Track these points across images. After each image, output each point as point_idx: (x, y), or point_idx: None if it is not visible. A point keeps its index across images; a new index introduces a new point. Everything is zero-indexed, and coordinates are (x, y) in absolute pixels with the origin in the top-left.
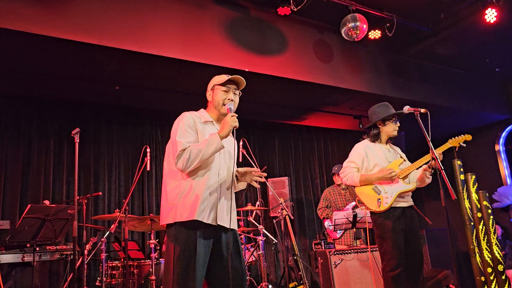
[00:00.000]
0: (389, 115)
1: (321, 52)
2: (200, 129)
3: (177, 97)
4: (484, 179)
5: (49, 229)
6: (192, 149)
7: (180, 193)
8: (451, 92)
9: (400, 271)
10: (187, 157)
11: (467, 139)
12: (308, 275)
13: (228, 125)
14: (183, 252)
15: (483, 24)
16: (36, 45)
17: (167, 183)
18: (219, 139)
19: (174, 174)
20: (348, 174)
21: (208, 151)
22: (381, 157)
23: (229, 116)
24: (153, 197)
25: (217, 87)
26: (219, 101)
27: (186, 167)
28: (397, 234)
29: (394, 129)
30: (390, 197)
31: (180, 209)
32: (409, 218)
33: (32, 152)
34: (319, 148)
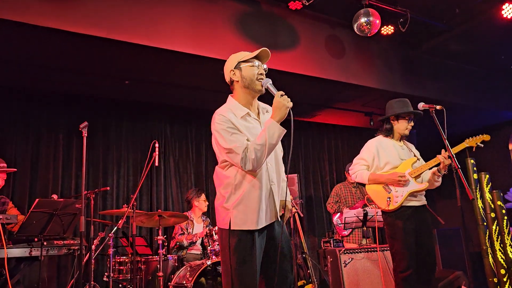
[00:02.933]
0: (403, 112)
1: (333, 47)
2: (240, 126)
3: (186, 92)
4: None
5: (57, 224)
6: (254, 146)
7: (236, 198)
8: (464, 89)
9: (411, 272)
10: (253, 157)
11: (485, 139)
12: (316, 273)
13: (283, 106)
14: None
15: (500, 19)
16: (46, 38)
17: (220, 186)
18: (278, 124)
19: (225, 176)
20: (357, 171)
21: (272, 142)
22: (394, 154)
23: (278, 97)
24: (161, 193)
25: (245, 64)
26: (251, 77)
27: (256, 166)
28: (408, 234)
29: (407, 128)
30: (401, 196)
31: (237, 217)
32: (421, 217)
33: (41, 146)
34: (329, 145)
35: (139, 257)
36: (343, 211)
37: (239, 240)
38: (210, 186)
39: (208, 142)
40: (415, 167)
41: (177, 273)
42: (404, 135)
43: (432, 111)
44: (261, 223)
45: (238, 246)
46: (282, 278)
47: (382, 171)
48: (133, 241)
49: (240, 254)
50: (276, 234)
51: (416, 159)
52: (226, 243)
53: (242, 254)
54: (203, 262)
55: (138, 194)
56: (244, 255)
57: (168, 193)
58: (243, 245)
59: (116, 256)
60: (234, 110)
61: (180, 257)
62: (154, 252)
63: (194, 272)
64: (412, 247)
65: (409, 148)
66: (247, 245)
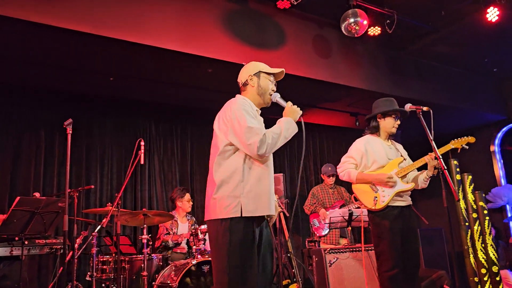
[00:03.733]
0: (390, 110)
1: (320, 47)
2: (257, 116)
3: (173, 89)
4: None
5: (39, 222)
6: (272, 134)
7: (243, 187)
8: (449, 91)
9: (397, 271)
10: (270, 142)
11: (470, 141)
12: (301, 272)
13: (296, 112)
14: (242, 243)
15: (484, 22)
16: (29, 32)
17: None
18: (294, 122)
19: (232, 165)
20: (345, 170)
21: (286, 136)
22: (381, 154)
23: (290, 105)
24: (146, 192)
25: (264, 75)
26: (267, 89)
27: (268, 153)
28: (395, 234)
29: (393, 126)
30: (387, 196)
31: (249, 204)
32: (407, 217)
33: (23, 143)
34: (315, 145)
35: (123, 256)
36: (319, 212)
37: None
38: (195, 185)
39: (194, 140)
40: (402, 167)
41: (162, 273)
42: (391, 133)
43: (419, 112)
44: (271, 210)
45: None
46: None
47: (369, 170)
48: (117, 240)
49: (243, 250)
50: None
51: (402, 159)
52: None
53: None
54: (188, 261)
55: (122, 193)
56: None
57: (152, 192)
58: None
59: (99, 255)
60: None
61: (164, 257)
62: (138, 252)
63: (179, 271)
64: (398, 247)
65: (396, 148)
66: (249, 240)
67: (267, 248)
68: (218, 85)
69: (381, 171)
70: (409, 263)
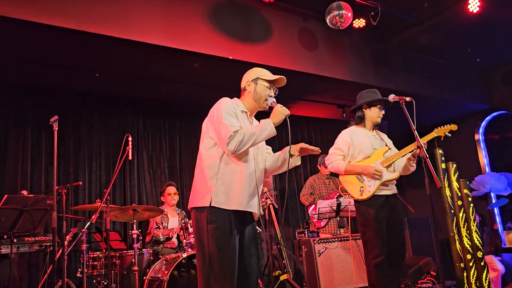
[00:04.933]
0: (374, 100)
1: (306, 40)
2: (239, 115)
3: (159, 84)
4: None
5: (27, 220)
6: (245, 132)
7: (216, 179)
8: (433, 82)
9: (383, 258)
10: (240, 139)
11: (452, 129)
12: (291, 263)
13: (280, 114)
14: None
15: (466, 13)
16: (12, 29)
17: (203, 168)
18: (273, 125)
19: (211, 158)
20: (333, 162)
21: (261, 135)
22: (367, 144)
23: (279, 107)
24: (135, 187)
25: (262, 81)
26: (262, 95)
27: (237, 149)
28: (380, 222)
29: (378, 116)
30: (373, 186)
31: (218, 195)
32: (392, 206)
33: (9, 140)
34: (303, 137)
35: (114, 252)
36: (317, 202)
37: (217, 222)
38: (184, 180)
39: (182, 135)
40: (387, 156)
41: (153, 267)
42: (376, 123)
43: (402, 102)
44: (241, 205)
45: (216, 230)
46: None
47: (356, 161)
48: (107, 236)
49: (219, 237)
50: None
51: (387, 148)
52: (204, 226)
53: (221, 237)
54: (179, 255)
55: (111, 189)
56: (223, 238)
57: (142, 187)
58: (222, 227)
59: (89, 251)
60: (237, 104)
61: (155, 251)
62: (128, 247)
63: (170, 265)
64: (384, 234)
65: (381, 138)
66: (225, 227)
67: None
68: (205, 80)
69: (367, 161)
70: (395, 251)
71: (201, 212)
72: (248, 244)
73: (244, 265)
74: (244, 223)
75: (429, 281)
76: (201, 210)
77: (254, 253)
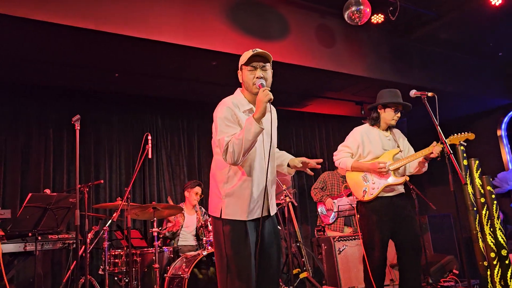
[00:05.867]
0: (390, 102)
1: (323, 37)
2: (241, 117)
3: (177, 83)
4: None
5: (51, 218)
6: (234, 140)
7: (226, 189)
8: (454, 77)
9: (383, 262)
10: (231, 151)
11: (469, 137)
12: (310, 261)
13: (260, 102)
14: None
15: (488, 7)
16: (33, 31)
17: (214, 174)
18: (255, 121)
19: (222, 165)
20: (341, 158)
21: (248, 138)
22: (377, 144)
23: (261, 92)
24: (155, 185)
25: (244, 67)
26: (248, 81)
27: (235, 161)
28: (381, 225)
29: (393, 118)
30: (377, 189)
31: (228, 208)
32: (398, 206)
33: (32, 141)
34: (321, 134)
35: (134, 250)
36: (326, 201)
37: (233, 228)
38: (203, 178)
39: (200, 133)
40: (397, 159)
41: (173, 265)
42: (391, 124)
43: (424, 98)
44: (252, 215)
45: (233, 233)
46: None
47: (364, 160)
48: (128, 233)
49: (234, 240)
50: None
51: (398, 150)
52: (220, 230)
53: (236, 240)
54: (199, 253)
55: (131, 187)
56: (239, 241)
57: (161, 186)
58: (237, 232)
59: (111, 249)
60: (239, 103)
61: (175, 249)
62: (149, 244)
63: (190, 263)
64: (385, 237)
65: (395, 139)
66: (240, 232)
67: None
68: (222, 78)
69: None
70: (407, 250)
71: (216, 219)
72: (269, 242)
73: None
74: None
75: (451, 279)
76: (216, 218)
77: (275, 243)
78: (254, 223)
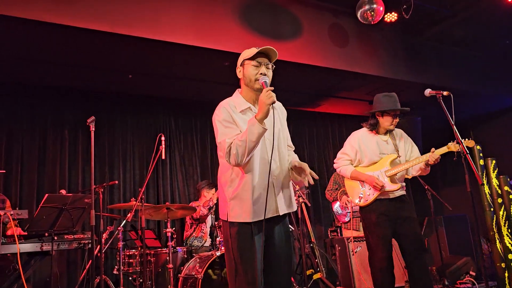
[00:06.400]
0: (387, 110)
1: (336, 36)
2: (238, 120)
3: (190, 84)
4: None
5: (67, 218)
6: (236, 142)
7: (230, 192)
8: (469, 75)
9: (387, 263)
10: (235, 152)
11: (469, 145)
12: (324, 262)
13: (263, 104)
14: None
15: (503, 3)
16: (48, 33)
17: (219, 176)
18: (258, 123)
19: (225, 168)
20: (341, 166)
21: (252, 140)
22: (375, 150)
23: (264, 93)
24: (168, 186)
25: (247, 62)
26: (250, 77)
27: (239, 162)
28: (382, 227)
29: (391, 124)
30: (372, 195)
31: (233, 210)
32: (398, 207)
33: (48, 142)
34: (334, 134)
35: (149, 250)
36: (341, 199)
37: (239, 230)
38: (216, 179)
39: (214, 134)
40: (394, 164)
41: (187, 265)
42: (389, 130)
43: (440, 97)
44: (256, 216)
45: (238, 236)
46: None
47: (362, 165)
48: (142, 234)
49: (241, 242)
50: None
51: (396, 156)
52: (227, 233)
53: (242, 242)
54: (212, 253)
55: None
56: (245, 244)
57: (174, 186)
58: (243, 235)
59: (125, 249)
60: (237, 103)
61: (189, 249)
62: (163, 245)
63: (204, 263)
64: (387, 239)
65: (395, 143)
66: (246, 234)
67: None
68: (235, 78)
69: (373, 167)
70: (409, 251)
71: (225, 224)
72: (279, 243)
73: (275, 264)
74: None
75: (468, 281)
76: (224, 221)
77: (285, 244)
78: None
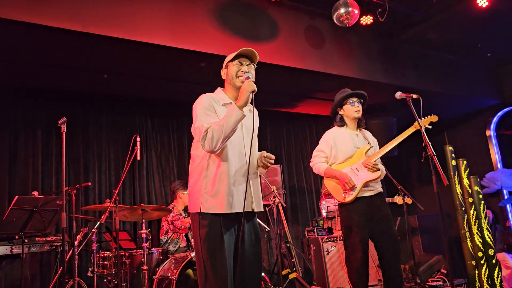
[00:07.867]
0: (340, 98)
1: (313, 38)
2: (219, 111)
3: (166, 84)
4: (475, 164)
5: (38, 221)
6: (213, 126)
7: (205, 183)
8: (443, 78)
9: (364, 263)
10: (210, 136)
11: (432, 120)
12: (301, 262)
13: (244, 91)
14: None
15: (475, 8)
16: (20, 32)
17: (192, 170)
18: (238, 108)
19: (198, 160)
20: (316, 164)
21: (229, 124)
22: (349, 144)
23: (246, 82)
24: (144, 187)
25: (230, 64)
26: (232, 74)
27: (213, 147)
28: (361, 226)
29: (355, 111)
30: (356, 188)
31: (208, 202)
32: (377, 206)
33: (19, 142)
34: (311, 135)
35: (123, 252)
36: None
37: (209, 228)
38: None
39: (190, 134)
40: (369, 155)
41: (162, 266)
42: (356, 117)
43: (409, 100)
44: (230, 208)
45: (208, 235)
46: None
47: (339, 161)
48: (117, 235)
49: (210, 243)
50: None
51: (369, 146)
52: (197, 232)
53: (212, 243)
54: (187, 254)
55: (120, 189)
56: (214, 244)
57: (151, 187)
58: (213, 234)
59: (100, 251)
60: (219, 97)
61: (164, 250)
62: (138, 246)
63: (179, 264)
64: (365, 238)
65: (364, 136)
66: (216, 233)
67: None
68: (211, 79)
69: (349, 162)
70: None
71: (195, 217)
72: (249, 243)
73: (246, 264)
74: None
75: (439, 279)
76: (195, 215)
77: (256, 252)
78: (234, 220)
